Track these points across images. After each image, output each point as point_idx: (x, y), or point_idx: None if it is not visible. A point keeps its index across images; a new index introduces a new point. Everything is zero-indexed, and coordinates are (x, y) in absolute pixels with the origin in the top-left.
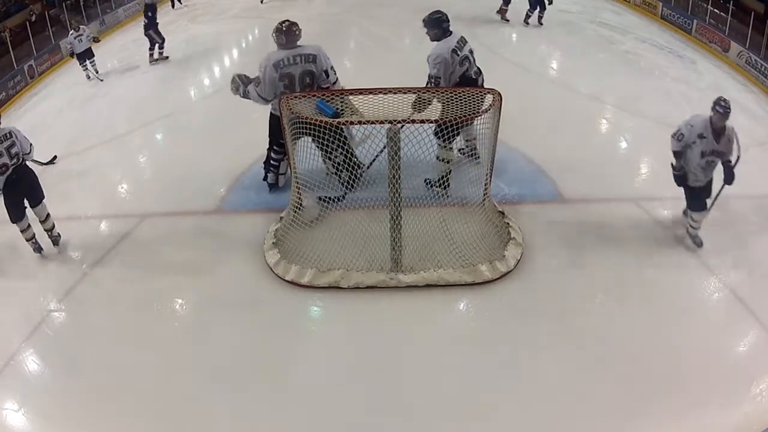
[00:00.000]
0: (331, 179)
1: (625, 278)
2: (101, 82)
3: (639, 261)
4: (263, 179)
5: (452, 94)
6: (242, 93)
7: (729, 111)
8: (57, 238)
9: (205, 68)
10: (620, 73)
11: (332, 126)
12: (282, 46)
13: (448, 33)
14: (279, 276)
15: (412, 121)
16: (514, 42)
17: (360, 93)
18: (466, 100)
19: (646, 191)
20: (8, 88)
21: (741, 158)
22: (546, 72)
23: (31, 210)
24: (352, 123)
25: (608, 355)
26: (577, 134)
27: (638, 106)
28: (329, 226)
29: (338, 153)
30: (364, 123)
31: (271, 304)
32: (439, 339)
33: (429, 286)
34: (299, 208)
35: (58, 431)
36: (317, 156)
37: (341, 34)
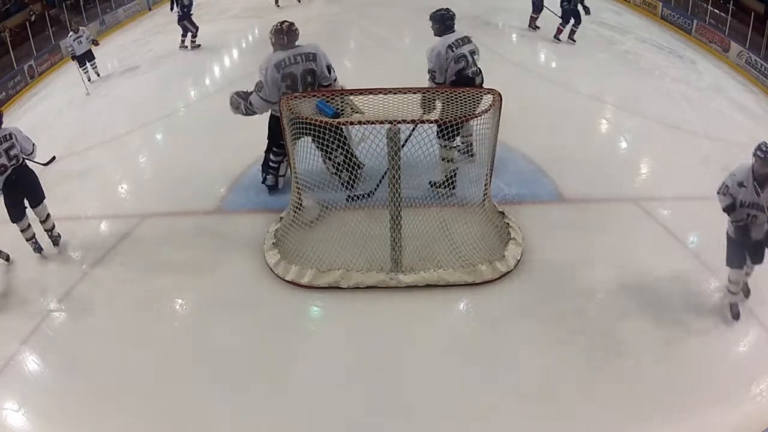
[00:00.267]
0: (333, 179)
1: (625, 278)
2: (100, 83)
3: (639, 261)
4: (262, 182)
5: (451, 94)
6: (244, 110)
7: None
8: (57, 239)
9: (205, 68)
10: (620, 73)
11: (332, 126)
12: (282, 47)
13: (451, 30)
14: (279, 276)
15: (412, 121)
16: (514, 42)
17: (360, 93)
18: (466, 100)
19: (646, 191)
20: (8, 88)
21: None
22: (546, 72)
23: (32, 210)
24: (352, 123)
25: (608, 355)
26: (577, 134)
27: (638, 106)
28: (329, 227)
29: (338, 153)
30: (364, 123)
31: (271, 304)
32: (439, 339)
33: (429, 286)
34: (299, 209)
35: (58, 431)
36: (317, 156)
37: (341, 34)
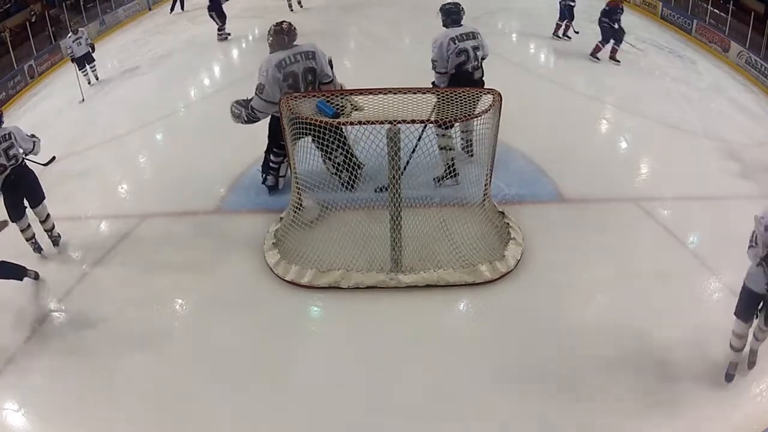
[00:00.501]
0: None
1: (625, 278)
2: (100, 83)
3: (639, 261)
4: (262, 183)
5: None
6: (245, 117)
7: None
8: (57, 239)
9: (205, 68)
10: (620, 73)
11: (332, 126)
12: (282, 47)
13: (457, 24)
14: (279, 276)
15: (412, 121)
16: (514, 42)
17: (360, 93)
18: (466, 97)
19: (646, 191)
20: (8, 88)
21: None
22: (546, 72)
23: (32, 210)
24: (352, 123)
25: (608, 355)
26: (577, 134)
27: (638, 106)
28: (329, 227)
29: (338, 153)
30: (364, 123)
31: (271, 304)
32: (439, 339)
33: (429, 287)
34: (299, 209)
35: (58, 431)
36: (317, 156)
37: (341, 34)
